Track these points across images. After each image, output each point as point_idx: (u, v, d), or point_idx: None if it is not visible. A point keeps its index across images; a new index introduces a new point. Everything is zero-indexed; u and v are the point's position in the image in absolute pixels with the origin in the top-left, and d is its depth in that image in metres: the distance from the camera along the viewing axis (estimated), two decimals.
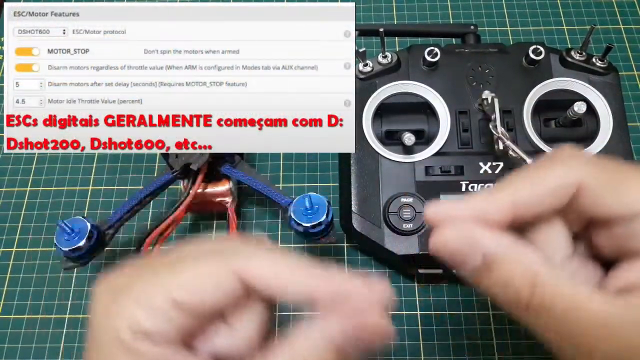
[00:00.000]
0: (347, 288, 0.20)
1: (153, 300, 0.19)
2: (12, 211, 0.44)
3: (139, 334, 0.18)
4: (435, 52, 0.39)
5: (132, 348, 0.18)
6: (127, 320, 0.19)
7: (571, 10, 0.53)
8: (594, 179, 0.19)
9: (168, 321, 0.19)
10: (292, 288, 0.20)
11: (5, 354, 0.39)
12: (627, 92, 0.48)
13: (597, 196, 0.19)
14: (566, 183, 0.19)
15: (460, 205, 0.20)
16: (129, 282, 0.20)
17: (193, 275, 0.20)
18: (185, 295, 0.19)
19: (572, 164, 0.20)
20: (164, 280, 0.20)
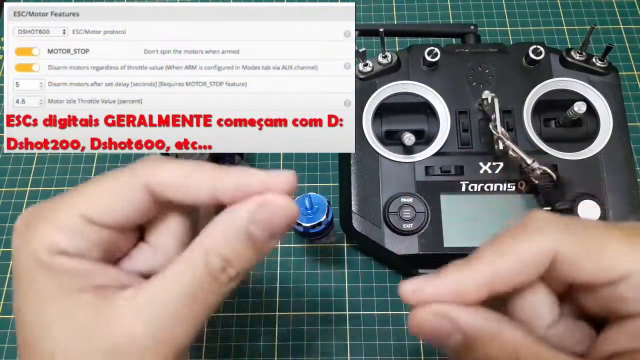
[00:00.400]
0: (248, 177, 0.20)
1: (65, 220, 0.19)
2: (12, 211, 0.44)
3: (55, 252, 0.19)
4: (435, 52, 0.39)
5: (50, 266, 0.19)
6: (43, 242, 0.19)
7: (571, 10, 0.53)
8: (569, 245, 0.19)
9: (83, 237, 0.19)
10: (197, 189, 0.20)
11: (5, 354, 0.39)
12: (627, 92, 0.48)
13: (574, 263, 0.19)
14: (540, 253, 0.19)
15: (436, 282, 0.19)
16: (41, 209, 0.20)
17: (101, 191, 0.20)
18: (94, 209, 0.20)
19: (545, 233, 0.19)
20: (74, 200, 0.20)
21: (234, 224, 0.20)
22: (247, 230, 0.19)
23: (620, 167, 0.38)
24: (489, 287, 0.19)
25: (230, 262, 0.20)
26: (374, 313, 0.39)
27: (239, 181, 0.20)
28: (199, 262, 0.19)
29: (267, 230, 0.20)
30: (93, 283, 0.19)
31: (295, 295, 0.40)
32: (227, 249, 0.19)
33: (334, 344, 0.39)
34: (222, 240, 0.20)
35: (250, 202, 0.20)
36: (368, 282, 0.41)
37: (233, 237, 0.20)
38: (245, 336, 0.39)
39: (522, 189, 0.38)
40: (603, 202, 0.37)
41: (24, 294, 0.20)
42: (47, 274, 0.19)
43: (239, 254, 0.20)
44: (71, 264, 0.19)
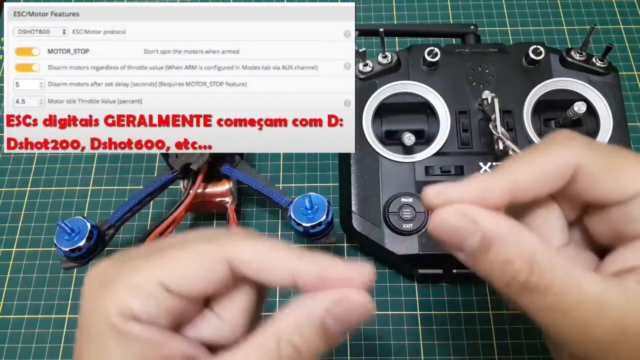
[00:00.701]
0: (330, 268, 0.20)
1: (143, 285, 0.19)
2: (12, 211, 0.44)
3: (128, 318, 0.19)
4: (435, 52, 0.39)
5: (122, 331, 0.18)
6: (116, 305, 0.19)
7: (571, 10, 0.53)
8: (591, 161, 0.20)
9: (158, 305, 0.19)
10: (277, 271, 0.20)
11: (5, 354, 0.39)
12: (627, 92, 0.48)
13: (594, 179, 0.19)
14: (564, 164, 0.20)
15: (460, 186, 0.20)
16: (119, 268, 0.20)
17: (182, 260, 0.20)
18: (174, 279, 0.19)
19: (570, 146, 0.20)
20: (154, 265, 0.20)
21: (310, 314, 0.20)
22: (322, 322, 0.19)
23: None
24: (512, 193, 0.20)
25: (301, 351, 0.19)
26: (373, 313, 0.39)
27: (322, 271, 0.20)
28: (270, 348, 0.19)
29: (341, 325, 0.20)
30: (159, 352, 0.19)
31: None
32: (299, 339, 0.19)
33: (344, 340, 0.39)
34: (296, 329, 0.19)
35: (330, 295, 0.20)
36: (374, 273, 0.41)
37: (307, 327, 0.19)
38: None
39: None
40: None
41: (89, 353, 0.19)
42: (117, 338, 0.19)
43: (310, 344, 0.20)
44: (142, 332, 0.19)
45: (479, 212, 0.19)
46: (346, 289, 0.20)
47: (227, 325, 0.21)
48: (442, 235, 0.20)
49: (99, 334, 0.19)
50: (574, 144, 0.20)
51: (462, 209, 0.19)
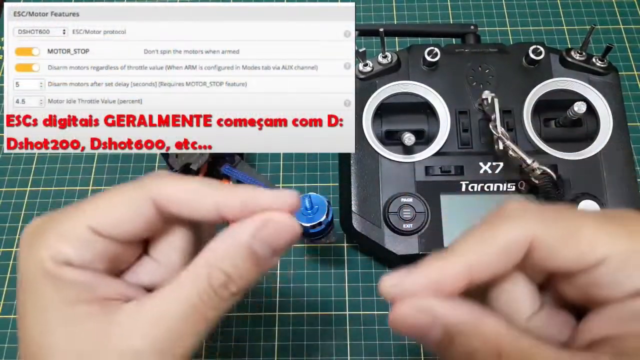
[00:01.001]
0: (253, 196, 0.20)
1: (72, 230, 0.20)
2: (12, 211, 0.44)
3: (61, 263, 0.19)
4: (435, 52, 0.39)
5: (56, 276, 0.19)
6: (49, 252, 0.19)
7: (571, 10, 0.53)
8: (546, 232, 0.19)
9: (90, 249, 0.20)
10: (203, 205, 0.20)
11: (5, 354, 0.39)
12: (627, 92, 0.48)
13: (551, 250, 0.19)
14: (517, 240, 0.19)
15: (415, 276, 0.19)
16: (49, 220, 0.21)
17: (109, 204, 0.20)
18: (102, 221, 0.20)
19: (521, 220, 0.19)
20: (82, 212, 0.20)
21: (237, 241, 0.20)
22: (249, 247, 0.20)
23: (620, 167, 0.38)
24: (467, 277, 0.19)
25: (232, 277, 0.20)
26: (374, 313, 0.39)
27: (244, 199, 0.20)
28: (201, 277, 0.20)
29: (269, 248, 0.20)
30: (97, 295, 0.20)
31: (295, 295, 0.40)
32: (229, 265, 0.20)
33: (334, 344, 0.39)
34: (225, 256, 0.20)
35: (254, 220, 0.20)
36: (368, 282, 0.41)
37: (235, 253, 0.20)
38: (245, 336, 0.39)
39: (522, 189, 0.38)
40: (603, 202, 0.37)
41: (27, 303, 0.20)
42: (51, 283, 0.19)
43: (240, 270, 0.20)
44: (76, 275, 0.19)
45: (437, 304, 0.19)
46: (270, 212, 0.20)
47: (164, 267, 0.21)
48: (403, 330, 0.19)
49: (34, 281, 0.19)
50: (526, 217, 0.19)
51: (419, 303, 0.19)
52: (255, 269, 0.20)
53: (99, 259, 0.20)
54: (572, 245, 0.18)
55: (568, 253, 0.19)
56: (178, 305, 0.19)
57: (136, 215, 0.20)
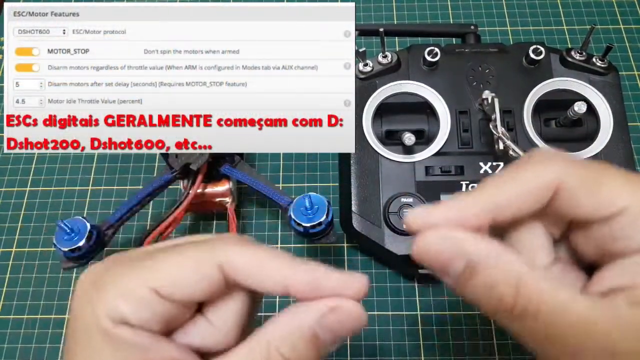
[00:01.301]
0: (324, 277, 0.20)
1: (134, 289, 0.19)
2: (11, 211, 0.44)
3: (119, 322, 0.19)
4: (435, 52, 0.39)
5: (111, 335, 0.18)
6: (107, 309, 0.19)
7: (571, 10, 0.53)
8: (571, 179, 0.19)
9: (148, 310, 0.19)
10: (270, 278, 0.20)
11: (5, 354, 0.39)
12: (628, 92, 0.48)
13: (574, 196, 0.19)
14: (544, 183, 0.19)
15: (441, 209, 0.19)
16: (111, 272, 0.20)
17: (174, 265, 0.20)
18: (165, 284, 0.19)
19: (550, 164, 0.20)
20: (145, 270, 0.20)
21: (301, 324, 0.19)
22: (313, 332, 0.19)
23: (621, 167, 0.37)
24: (493, 213, 0.19)
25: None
26: (374, 313, 0.39)
27: (313, 280, 0.20)
28: (259, 356, 0.19)
29: (332, 335, 0.19)
30: (148, 357, 0.19)
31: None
32: (289, 348, 0.19)
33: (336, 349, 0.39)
34: (286, 338, 0.19)
35: (321, 304, 0.19)
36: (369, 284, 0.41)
37: (297, 337, 0.19)
38: None
39: None
40: None
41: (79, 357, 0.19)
42: (106, 342, 0.19)
43: (299, 354, 0.19)
44: (132, 336, 0.19)
45: (462, 236, 0.19)
46: (339, 298, 0.19)
47: (218, 331, 0.21)
48: (425, 260, 0.19)
49: (88, 337, 0.19)
50: (554, 162, 0.20)
51: (444, 233, 0.19)
52: (314, 353, 0.20)
53: (155, 320, 0.19)
54: (594, 193, 0.19)
55: (590, 201, 0.19)
56: None
57: (201, 280, 0.20)
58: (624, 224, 0.18)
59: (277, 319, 0.20)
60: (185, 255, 0.20)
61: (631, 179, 0.19)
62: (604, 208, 0.19)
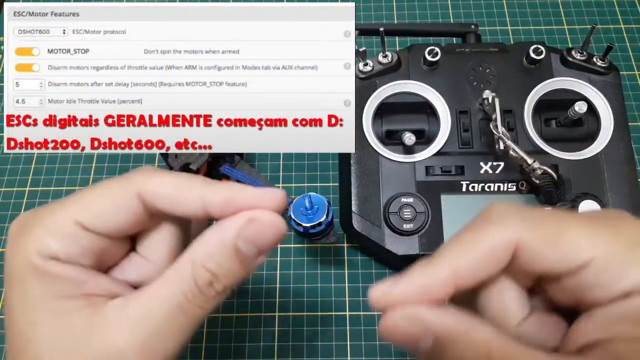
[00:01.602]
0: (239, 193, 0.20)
1: (59, 224, 0.20)
2: (11, 211, 0.44)
3: (48, 257, 0.19)
4: (435, 51, 0.39)
5: (42, 270, 0.19)
6: (35, 246, 0.19)
7: (572, 9, 0.53)
8: (530, 236, 0.19)
9: (76, 243, 0.20)
10: (188, 201, 0.20)
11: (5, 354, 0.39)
12: (628, 91, 0.48)
13: (536, 254, 0.19)
14: (501, 244, 0.19)
15: (403, 284, 0.19)
16: (37, 214, 0.21)
17: (95, 198, 0.20)
18: (88, 215, 0.20)
19: (505, 224, 0.19)
20: (69, 206, 0.20)
21: (222, 239, 0.20)
22: (234, 245, 0.20)
23: (621, 166, 0.38)
24: (454, 282, 0.19)
25: (217, 276, 0.20)
26: (374, 314, 0.39)
27: (229, 196, 0.20)
28: (186, 275, 0.20)
29: (254, 246, 0.20)
30: (83, 290, 0.20)
31: (295, 295, 0.40)
32: (214, 263, 0.20)
33: (334, 344, 0.39)
34: (210, 254, 0.20)
35: (239, 218, 0.20)
36: (368, 282, 0.41)
37: (220, 252, 0.20)
38: (245, 336, 0.39)
39: (522, 189, 0.38)
40: (604, 202, 0.37)
41: (14, 296, 0.20)
42: (38, 278, 0.19)
43: (226, 269, 0.20)
44: (62, 270, 0.19)
45: (426, 312, 0.18)
46: (256, 211, 0.20)
47: (153, 264, 0.21)
48: (393, 340, 0.19)
49: (21, 275, 0.19)
50: (509, 220, 0.19)
51: (409, 312, 0.19)
52: (240, 267, 0.20)
53: (85, 254, 0.20)
54: (556, 248, 0.18)
55: (552, 256, 0.18)
56: (163, 303, 0.19)
57: (122, 210, 0.20)
58: (593, 274, 0.18)
59: (200, 239, 0.20)
60: (105, 188, 0.21)
61: (591, 227, 0.19)
62: (568, 262, 0.18)
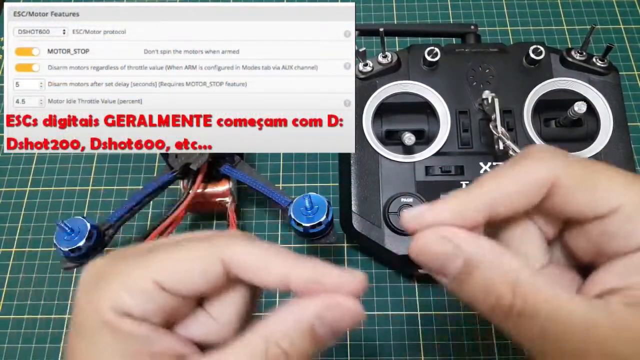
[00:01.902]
0: (323, 274, 0.20)
1: (137, 282, 0.19)
2: (11, 211, 0.44)
3: (122, 314, 0.19)
4: (435, 51, 0.39)
5: (114, 327, 0.19)
6: (110, 301, 0.19)
7: (571, 10, 0.53)
8: (567, 175, 0.19)
9: (151, 302, 0.19)
10: (271, 274, 0.20)
11: (5, 354, 0.39)
12: (628, 92, 0.48)
13: (569, 193, 0.19)
14: (540, 179, 0.19)
15: (437, 207, 0.19)
16: (114, 266, 0.20)
17: (177, 259, 0.20)
18: (168, 277, 0.19)
19: (545, 161, 0.20)
20: (149, 263, 0.20)
21: (300, 319, 0.20)
22: (311, 327, 0.19)
23: (621, 166, 0.37)
24: (490, 210, 0.19)
25: (289, 354, 0.19)
26: (374, 313, 0.39)
27: (313, 275, 0.20)
28: (258, 349, 0.19)
29: (330, 330, 0.20)
30: (151, 350, 0.19)
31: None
32: (288, 342, 0.19)
33: (335, 344, 0.39)
34: (285, 332, 0.19)
35: (320, 300, 0.20)
36: (368, 282, 0.41)
37: (296, 332, 0.19)
38: None
39: None
40: None
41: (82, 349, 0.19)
42: (109, 334, 0.19)
43: (298, 349, 0.19)
44: (135, 328, 0.19)
45: (459, 235, 0.19)
46: (338, 295, 0.20)
47: (219, 324, 0.21)
48: (423, 260, 0.19)
49: (92, 329, 0.19)
50: (549, 158, 0.20)
51: (442, 232, 0.19)
52: (312, 347, 0.20)
53: (158, 313, 0.19)
54: (589, 191, 0.19)
55: (585, 198, 0.19)
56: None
57: (203, 274, 0.20)
58: (619, 222, 0.18)
59: (276, 314, 0.20)
60: (189, 249, 0.20)
61: (628, 178, 0.19)
62: (599, 206, 0.19)
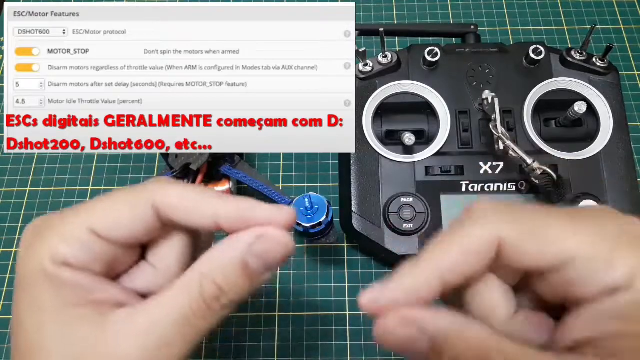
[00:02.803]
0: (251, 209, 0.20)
1: (73, 231, 0.20)
2: (12, 211, 0.44)
3: (60, 264, 0.19)
4: (435, 51, 0.39)
5: (53, 276, 0.19)
6: (48, 252, 0.19)
7: (571, 10, 0.53)
8: (512, 232, 0.19)
9: (88, 251, 0.20)
10: (201, 213, 0.21)
11: (5, 354, 0.39)
12: (628, 92, 0.48)
13: (519, 250, 0.19)
14: (484, 242, 0.19)
15: (392, 288, 0.19)
16: (49, 220, 0.21)
17: (110, 207, 0.21)
18: (102, 223, 0.20)
19: (487, 221, 0.19)
20: (83, 214, 0.21)
21: (231, 253, 0.20)
22: (242, 260, 0.20)
23: (621, 167, 0.38)
24: (441, 281, 0.19)
25: (224, 290, 0.20)
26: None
27: (241, 211, 0.20)
28: (193, 288, 0.20)
29: (262, 262, 0.20)
30: (92, 298, 0.20)
31: (295, 295, 0.40)
32: (221, 277, 0.20)
33: (334, 344, 0.39)
34: (218, 268, 0.20)
35: (249, 233, 0.20)
36: (368, 282, 0.41)
37: (228, 266, 0.20)
38: (245, 336, 0.39)
39: (522, 189, 0.38)
40: (604, 202, 0.37)
41: (24, 301, 0.20)
42: (48, 284, 0.19)
43: (232, 283, 0.20)
44: (74, 277, 0.19)
45: (420, 314, 0.18)
46: (266, 227, 0.20)
47: (162, 274, 0.22)
48: (390, 345, 0.19)
49: (32, 280, 0.20)
50: (491, 217, 0.19)
51: (403, 315, 0.19)
52: (247, 282, 0.20)
53: (97, 262, 0.20)
54: (538, 244, 0.18)
55: (535, 251, 0.18)
56: (169, 315, 0.19)
57: (136, 219, 0.20)
58: (576, 270, 0.18)
59: (208, 253, 0.20)
60: (120, 197, 0.21)
61: (574, 223, 0.19)
62: (552, 257, 0.18)
